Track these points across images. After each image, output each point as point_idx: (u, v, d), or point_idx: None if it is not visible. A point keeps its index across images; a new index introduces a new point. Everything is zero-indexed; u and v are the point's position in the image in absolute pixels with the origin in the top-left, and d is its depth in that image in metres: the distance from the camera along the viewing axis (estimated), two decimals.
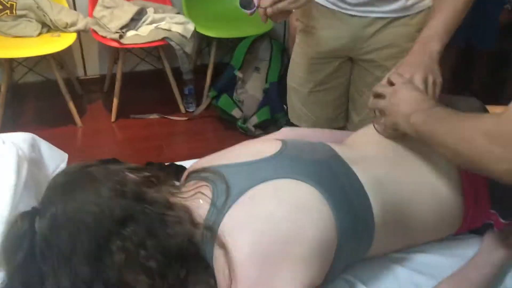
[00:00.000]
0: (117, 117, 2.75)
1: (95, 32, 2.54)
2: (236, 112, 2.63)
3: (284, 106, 2.40)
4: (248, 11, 1.25)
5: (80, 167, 0.89)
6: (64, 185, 0.85)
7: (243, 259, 0.80)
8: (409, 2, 1.35)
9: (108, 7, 2.59)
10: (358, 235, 0.90)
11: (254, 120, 2.58)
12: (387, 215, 0.93)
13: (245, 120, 2.62)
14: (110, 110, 2.75)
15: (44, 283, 0.82)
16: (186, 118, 2.79)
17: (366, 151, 1.03)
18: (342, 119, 1.64)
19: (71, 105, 2.62)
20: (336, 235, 0.85)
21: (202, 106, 2.80)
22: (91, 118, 2.78)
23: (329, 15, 1.38)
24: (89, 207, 0.80)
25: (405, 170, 1.00)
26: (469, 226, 1.05)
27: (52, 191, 0.86)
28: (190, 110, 2.84)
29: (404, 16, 1.37)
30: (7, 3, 2.49)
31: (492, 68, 2.95)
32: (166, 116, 2.78)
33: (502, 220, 1.00)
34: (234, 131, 2.64)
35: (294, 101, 1.63)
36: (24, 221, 0.83)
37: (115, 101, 2.71)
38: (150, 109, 2.83)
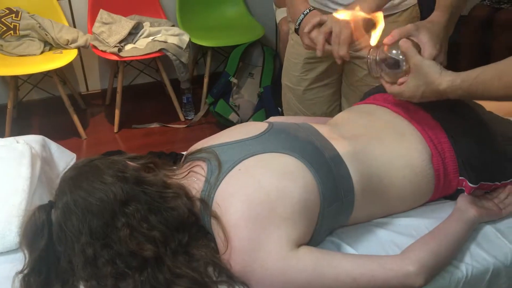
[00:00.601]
0: (120, 128, 2.87)
1: (95, 47, 2.67)
2: (233, 117, 2.74)
3: (279, 108, 2.50)
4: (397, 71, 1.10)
5: (86, 161, 1.00)
6: (73, 177, 0.96)
7: (234, 223, 0.90)
8: (396, 1, 1.42)
9: (106, 23, 2.72)
10: (340, 200, 1.00)
11: None
12: (366, 184, 1.04)
13: None
14: (113, 122, 2.86)
15: (60, 263, 0.93)
16: (185, 126, 2.90)
17: (344, 130, 1.14)
18: (336, 113, 1.72)
19: (75, 118, 2.73)
20: (319, 199, 0.96)
21: (201, 113, 2.91)
22: (95, 130, 2.89)
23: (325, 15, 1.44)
24: (95, 193, 0.91)
25: (379, 145, 1.10)
26: (443, 193, 1.15)
27: (63, 184, 0.96)
28: (189, 118, 2.95)
29: (392, 14, 1.45)
30: (10, 24, 2.62)
31: (473, 61, 3.06)
32: (166, 125, 2.90)
33: (470, 185, 1.10)
34: None
35: (290, 99, 1.70)
36: (41, 213, 0.94)
37: (117, 113, 2.82)
38: (150, 119, 2.94)
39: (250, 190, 0.93)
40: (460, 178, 1.12)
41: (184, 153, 1.26)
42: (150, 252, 0.89)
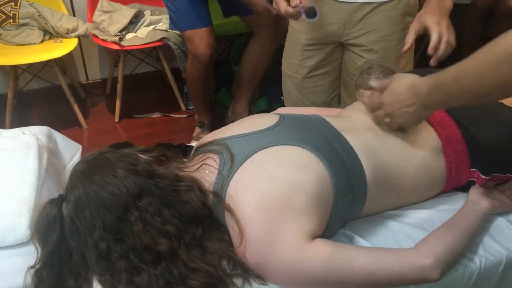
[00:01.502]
0: (121, 117, 2.85)
1: (96, 36, 2.64)
2: None
3: (281, 97, 2.49)
4: (313, 20, 1.34)
5: (97, 154, 0.98)
6: (84, 171, 0.94)
7: (248, 215, 0.90)
8: None
9: (106, 12, 2.68)
10: (352, 192, 0.99)
11: (253, 111, 2.68)
12: (378, 175, 1.03)
13: None
14: (113, 112, 2.84)
15: (73, 257, 0.92)
16: (187, 115, 2.88)
17: (355, 122, 1.13)
18: (336, 102, 1.73)
19: (76, 108, 2.71)
20: (332, 191, 0.95)
21: None
22: (96, 120, 2.87)
23: (319, 3, 1.44)
24: (107, 187, 0.90)
25: (391, 138, 1.10)
26: (454, 184, 1.15)
27: (74, 178, 0.95)
28: (190, 107, 2.93)
29: (390, 1, 1.45)
30: (10, 12, 2.59)
31: (476, 50, 3.04)
32: (167, 114, 2.88)
33: (482, 176, 1.10)
34: None
35: (289, 88, 1.71)
36: (53, 207, 0.93)
37: (118, 102, 2.80)
38: (152, 109, 2.92)
39: (264, 183, 0.92)
40: (471, 169, 1.11)
41: (193, 144, 1.25)
42: (164, 246, 0.88)
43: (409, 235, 1.04)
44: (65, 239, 0.92)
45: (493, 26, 2.95)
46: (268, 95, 2.70)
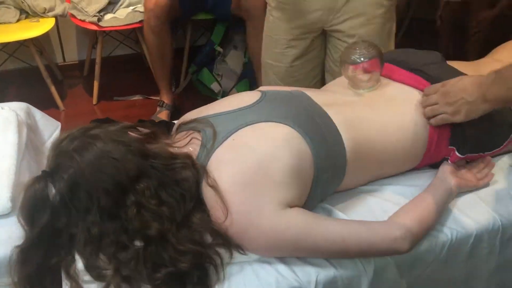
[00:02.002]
0: (99, 99, 2.81)
1: (74, 16, 2.60)
2: (214, 86, 2.73)
3: None
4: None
5: (83, 130, 0.95)
6: (76, 150, 0.90)
7: (228, 188, 0.91)
8: None
9: None
10: (332, 166, 1.02)
11: (234, 93, 2.69)
12: (358, 150, 1.06)
13: (224, 94, 2.72)
14: (91, 94, 2.81)
15: (62, 238, 0.90)
16: None
17: (338, 97, 1.16)
18: (319, 87, 1.73)
19: (53, 89, 2.67)
20: (313, 166, 0.98)
21: (183, 84, 2.89)
22: (73, 101, 2.84)
23: None
24: (105, 169, 0.88)
25: (374, 111, 1.13)
26: (430, 160, 1.19)
27: (64, 156, 0.91)
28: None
29: None
30: None
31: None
32: (149, 97, 2.86)
33: (458, 154, 1.14)
34: None
35: (271, 77, 1.69)
36: (40, 185, 0.89)
37: (96, 84, 2.77)
38: (130, 91, 2.90)
39: (243, 156, 0.94)
40: (449, 147, 1.15)
41: (175, 122, 1.25)
42: (155, 231, 0.88)
43: (384, 209, 1.07)
44: (54, 219, 0.89)
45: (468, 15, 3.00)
46: (249, 77, 2.71)
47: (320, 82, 1.72)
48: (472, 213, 1.09)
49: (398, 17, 1.31)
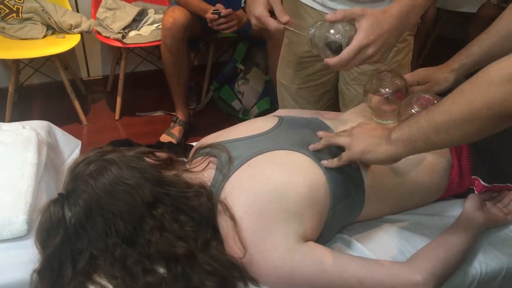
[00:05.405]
0: (121, 115, 2.84)
1: (99, 33, 2.64)
2: (236, 104, 2.73)
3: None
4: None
5: (99, 154, 0.94)
6: (91, 174, 0.90)
7: (240, 215, 0.89)
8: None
9: (110, 9, 2.68)
10: (350, 197, 0.99)
11: (255, 111, 2.69)
12: (377, 181, 1.03)
13: (245, 112, 2.72)
14: (114, 109, 2.84)
15: (78, 262, 0.89)
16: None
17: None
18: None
19: (76, 104, 2.70)
20: (329, 195, 0.95)
21: (205, 101, 2.90)
22: (96, 116, 2.87)
23: (317, 15, 1.40)
24: (120, 195, 0.88)
25: None
26: (455, 192, 1.14)
27: (79, 179, 0.91)
28: (191, 107, 2.92)
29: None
30: (13, 6, 2.58)
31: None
32: (170, 113, 2.87)
33: (483, 183, 1.09)
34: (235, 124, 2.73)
35: (285, 97, 1.68)
36: (56, 208, 0.89)
37: (119, 100, 2.80)
38: (152, 107, 2.92)
39: (258, 184, 0.92)
40: (472, 177, 1.11)
41: (194, 144, 1.24)
42: (183, 249, 0.87)
43: (408, 240, 1.03)
44: (69, 241, 0.89)
45: None
46: (271, 95, 2.70)
47: (333, 105, 1.70)
48: (502, 247, 1.04)
49: (424, 35, 1.27)
